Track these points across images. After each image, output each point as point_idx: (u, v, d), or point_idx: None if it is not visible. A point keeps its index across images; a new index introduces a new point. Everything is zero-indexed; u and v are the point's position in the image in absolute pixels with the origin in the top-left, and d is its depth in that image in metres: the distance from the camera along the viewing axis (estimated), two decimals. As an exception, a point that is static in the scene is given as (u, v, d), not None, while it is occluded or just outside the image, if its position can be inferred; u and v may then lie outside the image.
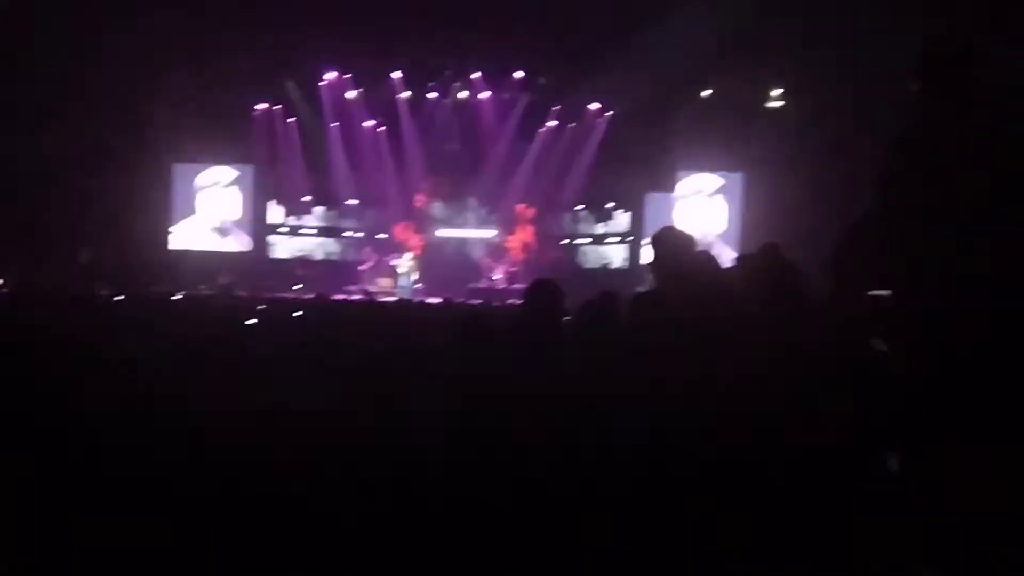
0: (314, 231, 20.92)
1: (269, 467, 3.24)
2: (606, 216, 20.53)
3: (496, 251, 20.27)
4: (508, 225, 20.52)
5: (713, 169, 19.51)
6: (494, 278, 19.16)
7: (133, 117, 17.84)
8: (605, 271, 19.96)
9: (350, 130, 19.83)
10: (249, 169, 20.16)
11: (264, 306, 11.92)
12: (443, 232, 20.72)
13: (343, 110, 19.83)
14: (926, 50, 3.00)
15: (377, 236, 20.69)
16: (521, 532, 2.77)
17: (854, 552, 2.36)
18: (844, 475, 2.62)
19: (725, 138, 18.24)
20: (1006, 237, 2.71)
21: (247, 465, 3.27)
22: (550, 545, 2.75)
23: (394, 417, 3.67)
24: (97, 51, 15.79)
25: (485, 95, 19.50)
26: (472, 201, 20.74)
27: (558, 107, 19.39)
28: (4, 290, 14.36)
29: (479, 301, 16.34)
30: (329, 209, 20.78)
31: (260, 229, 20.57)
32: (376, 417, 3.70)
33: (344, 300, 15.39)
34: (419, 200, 20.39)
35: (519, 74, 18.68)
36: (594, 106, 19.44)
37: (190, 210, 20.15)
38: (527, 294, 4.11)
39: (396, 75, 18.49)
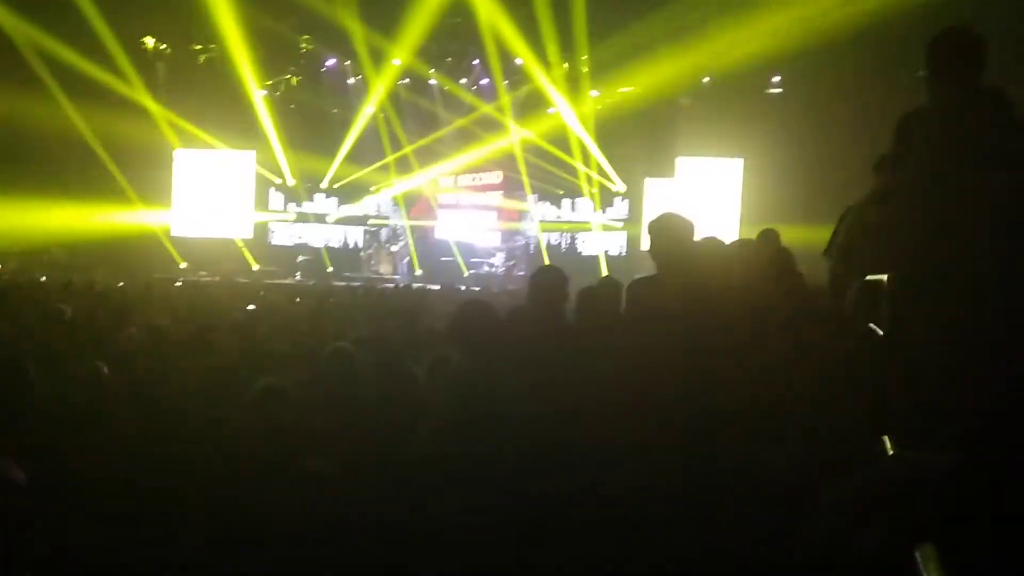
0: (315, 217, 20.92)
1: (268, 454, 3.25)
2: (606, 202, 20.51)
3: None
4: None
5: (713, 154, 19.46)
6: (495, 264, 19.17)
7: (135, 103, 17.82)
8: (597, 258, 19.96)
9: (351, 116, 19.78)
10: (250, 155, 20.14)
11: (264, 292, 11.98)
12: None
13: (344, 96, 19.79)
14: (936, 37, 2.99)
15: (377, 222, 20.70)
16: (521, 522, 2.79)
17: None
18: (842, 460, 2.64)
19: (726, 124, 18.17)
20: (1011, 223, 2.72)
21: (246, 450, 3.28)
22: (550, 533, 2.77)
23: (396, 403, 3.69)
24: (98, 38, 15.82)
25: (484, 82, 19.45)
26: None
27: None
28: (4, 276, 14.37)
29: (478, 288, 16.40)
30: (329, 196, 20.78)
31: (261, 215, 20.57)
32: (378, 403, 3.72)
33: (345, 286, 15.41)
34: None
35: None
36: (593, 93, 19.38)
37: (192, 196, 20.15)
38: (531, 280, 4.11)
39: (396, 62, 18.41)
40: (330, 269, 19.42)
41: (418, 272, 19.19)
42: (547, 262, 17.42)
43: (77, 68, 16.30)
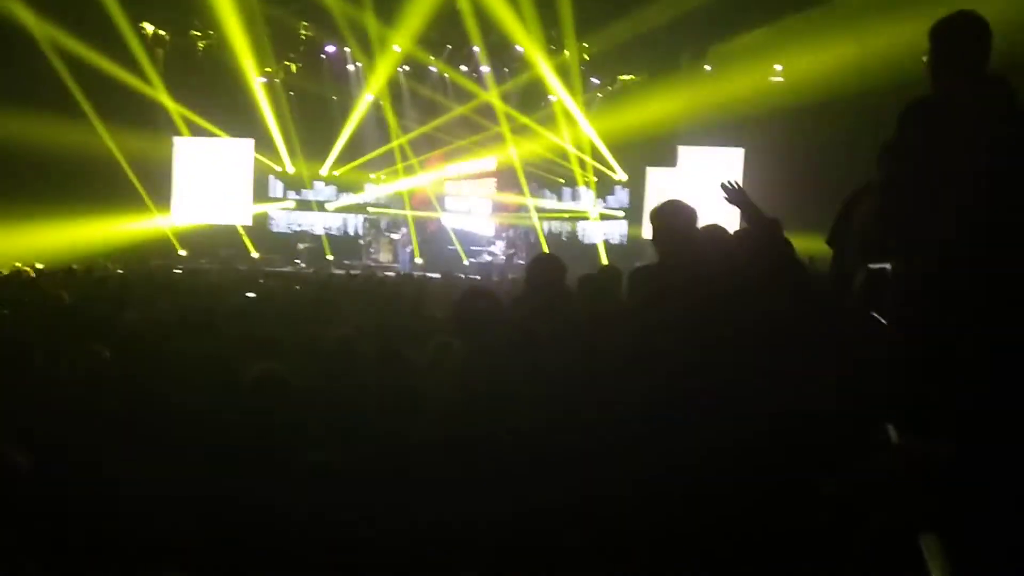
0: (315, 205, 20.84)
1: (266, 441, 3.24)
2: (607, 191, 20.48)
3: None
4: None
5: (714, 144, 19.39)
6: (495, 252, 19.13)
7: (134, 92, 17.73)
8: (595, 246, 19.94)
9: (351, 103, 19.71)
10: (249, 143, 20.06)
11: (264, 280, 11.97)
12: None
13: (344, 83, 19.70)
14: (942, 21, 2.97)
15: (377, 210, 20.66)
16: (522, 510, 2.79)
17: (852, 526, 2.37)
18: (842, 447, 2.64)
19: (727, 112, 18.08)
20: (1015, 214, 2.71)
21: (245, 436, 3.28)
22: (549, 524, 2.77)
23: (397, 391, 3.68)
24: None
25: (484, 70, 19.37)
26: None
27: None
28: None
29: (479, 276, 16.40)
30: (329, 183, 20.71)
31: (261, 203, 20.49)
32: (379, 390, 3.72)
33: (345, 273, 15.40)
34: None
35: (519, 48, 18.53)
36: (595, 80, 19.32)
37: (191, 184, 20.06)
38: (529, 268, 4.10)
39: (396, 48, 18.32)
40: (330, 257, 19.39)
41: (419, 260, 19.16)
42: (546, 251, 17.43)
43: (80, 57, 16.19)
